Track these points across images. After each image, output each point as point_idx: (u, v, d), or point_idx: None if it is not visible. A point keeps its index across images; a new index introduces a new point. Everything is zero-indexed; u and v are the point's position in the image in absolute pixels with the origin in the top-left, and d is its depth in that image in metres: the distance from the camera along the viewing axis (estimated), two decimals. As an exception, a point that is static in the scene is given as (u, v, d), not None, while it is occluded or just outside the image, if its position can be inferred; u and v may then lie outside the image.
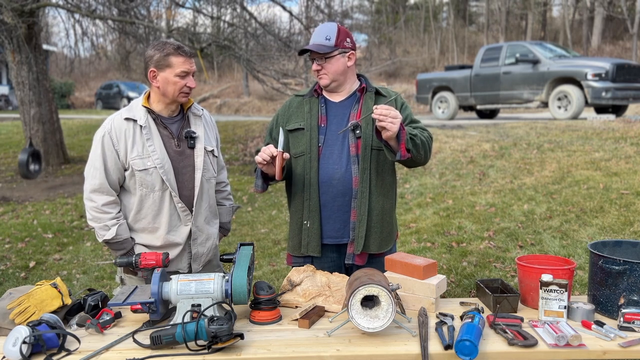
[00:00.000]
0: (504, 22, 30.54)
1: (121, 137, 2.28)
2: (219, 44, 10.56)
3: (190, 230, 2.40)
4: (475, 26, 35.95)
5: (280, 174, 2.30)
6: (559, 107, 11.01)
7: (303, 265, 2.37)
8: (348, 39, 2.38)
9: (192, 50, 2.34)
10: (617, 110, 11.31)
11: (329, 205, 2.39)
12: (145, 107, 2.33)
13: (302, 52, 2.46)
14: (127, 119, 2.31)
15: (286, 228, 6.05)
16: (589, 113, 11.54)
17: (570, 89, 10.73)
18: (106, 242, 2.34)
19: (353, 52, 2.41)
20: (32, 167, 9.38)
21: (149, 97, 2.38)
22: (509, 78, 11.97)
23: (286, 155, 2.27)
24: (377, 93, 2.45)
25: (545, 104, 11.51)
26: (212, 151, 2.47)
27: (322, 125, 2.41)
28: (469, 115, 15.22)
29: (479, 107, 13.46)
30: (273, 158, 2.26)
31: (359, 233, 2.38)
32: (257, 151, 2.49)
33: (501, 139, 8.78)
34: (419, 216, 5.99)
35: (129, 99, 23.64)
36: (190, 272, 2.46)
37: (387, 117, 2.10)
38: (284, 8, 11.95)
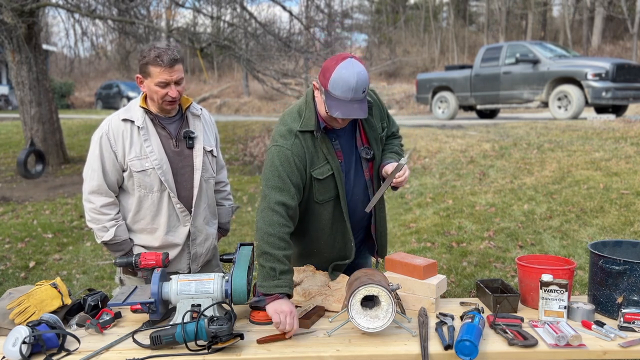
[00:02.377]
0: (504, 22, 30.54)
1: (119, 139, 2.27)
2: (219, 44, 10.56)
3: (189, 231, 2.39)
4: (475, 26, 35.95)
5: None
6: (559, 107, 11.01)
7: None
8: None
9: (176, 56, 2.22)
10: (617, 110, 11.31)
11: (356, 234, 2.34)
12: (143, 107, 2.31)
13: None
14: (124, 119, 2.29)
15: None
16: (589, 113, 11.53)
17: (570, 89, 10.72)
18: (105, 243, 2.34)
19: None
20: (34, 166, 9.39)
21: (146, 97, 2.36)
22: (509, 78, 11.97)
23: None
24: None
25: (545, 104, 11.50)
26: (211, 151, 2.44)
27: (341, 162, 2.21)
28: (469, 115, 15.22)
29: (479, 107, 13.46)
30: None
31: (381, 242, 2.42)
32: (271, 209, 2.05)
33: (501, 139, 8.78)
34: (419, 216, 5.99)
35: (129, 99, 23.61)
36: (189, 272, 2.45)
37: (404, 182, 2.20)
38: (284, 8, 11.96)
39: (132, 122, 2.29)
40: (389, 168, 2.22)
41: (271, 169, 2.10)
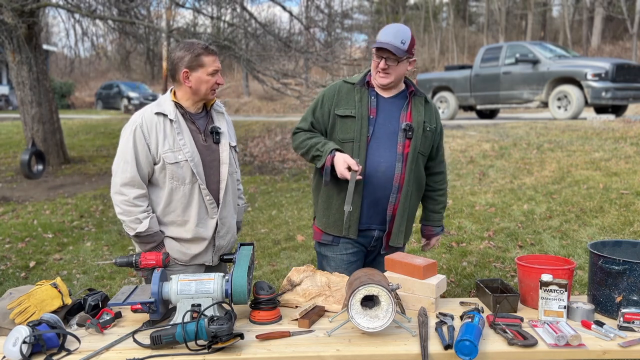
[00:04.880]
0: (504, 22, 30.55)
1: (152, 131, 2.31)
2: (219, 44, 10.54)
3: (216, 223, 2.42)
4: (475, 26, 35.96)
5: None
6: (559, 107, 11.01)
7: (331, 243, 2.54)
8: (415, 46, 2.50)
9: (216, 49, 2.44)
10: (617, 110, 11.31)
11: (368, 195, 2.48)
12: (174, 102, 2.38)
13: (379, 47, 2.45)
14: (157, 113, 2.34)
15: (286, 228, 6.05)
16: (589, 113, 11.54)
17: (570, 89, 10.72)
18: (137, 235, 2.32)
19: (415, 59, 2.55)
20: (35, 167, 9.40)
21: (174, 94, 2.42)
22: (509, 78, 11.97)
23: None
24: (426, 100, 2.61)
25: (545, 104, 11.50)
26: (234, 147, 2.53)
27: (372, 117, 2.49)
28: (469, 115, 15.22)
29: (479, 107, 13.46)
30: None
31: (399, 227, 2.54)
32: (295, 132, 2.65)
33: (501, 139, 8.79)
34: (418, 216, 5.98)
35: (129, 99, 23.64)
36: (212, 264, 2.49)
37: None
38: (284, 8, 11.95)
39: (165, 115, 2.34)
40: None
41: (309, 105, 2.65)
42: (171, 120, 2.33)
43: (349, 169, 2.34)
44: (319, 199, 2.62)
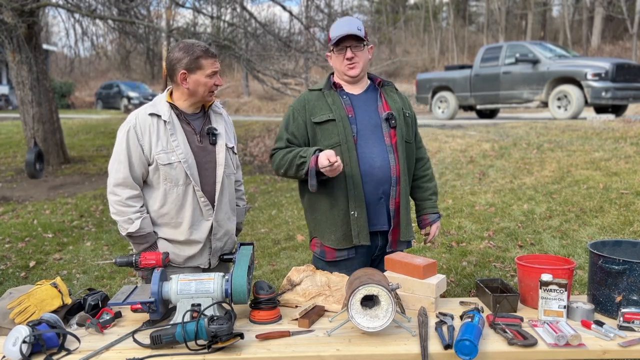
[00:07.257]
0: (503, 22, 30.55)
1: (145, 132, 2.30)
2: (219, 44, 10.55)
3: (212, 225, 2.41)
4: (475, 26, 35.97)
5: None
6: (559, 107, 11.01)
7: (348, 258, 2.46)
8: (367, 34, 2.50)
9: (215, 51, 2.44)
10: (617, 110, 11.31)
11: (370, 194, 2.43)
12: (169, 102, 2.36)
13: (340, 40, 2.42)
14: (151, 114, 2.32)
15: (286, 228, 6.05)
16: (589, 113, 11.54)
17: (570, 89, 10.72)
18: (129, 235, 2.32)
19: (372, 46, 2.55)
20: (37, 166, 9.40)
21: (171, 93, 2.40)
22: (509, 78, 11.97)
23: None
24: (395, 89, 2.60)
25: (545, 104, 11.50)
26: (232, 148, 2.50)
27: (351, 116, 2.43)
28: (469, 115, 15.22)
29: (478, 107, 13.46)
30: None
31: (406, 219, 2.51)
32: (272, 155, 2.55)
33: (501, 139, 8.78)
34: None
35: (129, 99, 23.65)
36: (209, 267, 2.48)
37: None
38: (284, 8, 11.95)
39: (159, 116, 2.32)
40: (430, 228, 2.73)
41: (280, 125, 2.58)
42: (165, 121, 2.31)
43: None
44: (319, 217, 2.49)
